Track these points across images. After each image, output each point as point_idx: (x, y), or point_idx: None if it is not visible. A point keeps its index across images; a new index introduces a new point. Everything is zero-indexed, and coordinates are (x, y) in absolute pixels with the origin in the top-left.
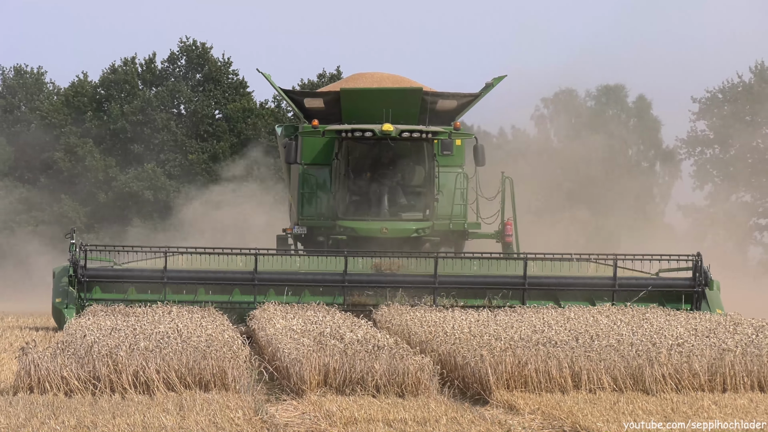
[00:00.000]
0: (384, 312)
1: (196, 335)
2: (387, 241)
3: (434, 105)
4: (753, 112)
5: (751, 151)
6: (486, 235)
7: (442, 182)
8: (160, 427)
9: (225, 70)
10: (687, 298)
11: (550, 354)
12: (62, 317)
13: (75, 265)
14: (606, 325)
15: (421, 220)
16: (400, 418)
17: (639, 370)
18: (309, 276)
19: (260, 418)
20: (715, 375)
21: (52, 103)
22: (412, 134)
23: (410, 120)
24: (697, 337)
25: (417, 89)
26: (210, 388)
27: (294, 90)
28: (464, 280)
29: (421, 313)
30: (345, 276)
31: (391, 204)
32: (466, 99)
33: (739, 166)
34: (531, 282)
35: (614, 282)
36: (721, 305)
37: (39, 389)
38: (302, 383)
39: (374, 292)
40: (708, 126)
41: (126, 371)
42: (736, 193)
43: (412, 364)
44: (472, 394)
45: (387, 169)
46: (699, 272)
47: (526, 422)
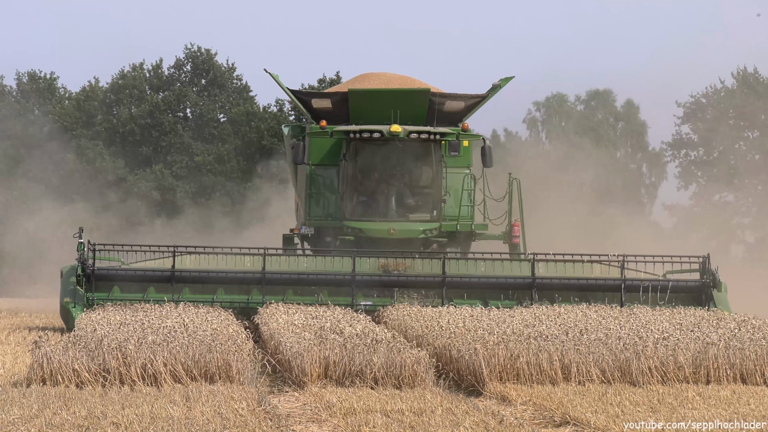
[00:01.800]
0: (383, 308)
1: (202, 329)
2: (394, 242)
3: (442, 106)
4: (735, 116)
5: (733, 153)
6: (493, 236)
7: (450, 183)
8: (168, 418)
9: (229, 75)
10: (695, 299)
11: (541, 347)
12: (70, 317)
13: (83, 264)
14: (594, 320)
15: (429, 221)
16: (398, 409)
17: (626, 363)
18: (320, 277)
19: (263, 408)
20: (699, 367)
21: (63, 107)
22: (420, 135)
23: (418, 121)
24: (682, 332)
25: (425, 90)
26: (215, 380)
27: (302, 90)
28: (471, 282)
29: (417, 308)
30: (354, 276)
31: (398, 205)
32: (474, 100)
33: (722, 167)
34: (540, 283)
35: (622, 283)
36: (728, 306)
37: (51, 381)
38: (303, 375)
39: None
40: (692, 129)
41: (135, 364)
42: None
43: (408, 357)
44: (466, 385)
45: (395, 170)
46: (707, 274)
47: (518, 413)
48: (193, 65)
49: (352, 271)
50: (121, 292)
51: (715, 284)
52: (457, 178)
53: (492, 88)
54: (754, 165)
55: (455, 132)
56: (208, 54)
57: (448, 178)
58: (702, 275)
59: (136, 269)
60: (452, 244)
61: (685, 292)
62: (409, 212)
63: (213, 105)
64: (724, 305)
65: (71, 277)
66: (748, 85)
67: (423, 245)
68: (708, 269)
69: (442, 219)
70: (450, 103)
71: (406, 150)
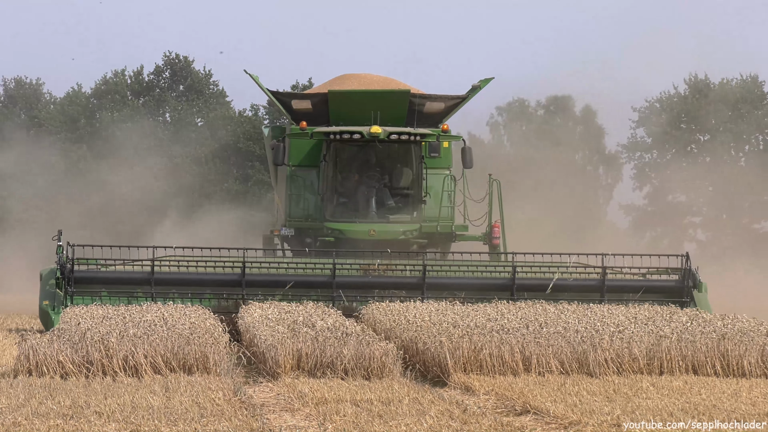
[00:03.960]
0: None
1: (181, 323)
2: (374, 243)
3: (422, 107)
4: (687, 120)
5: (685, 155)
6: (473, 237)
7: (430, 184)
8: (148, 407)
9: (206, 82)
10: (675, 300)
11: (503, 340)
12: (49, 319)
13: (62, 267)
14: (554, 314)
15: (409, 222)
16: (367, 399)
17: (584, 355)
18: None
19: (239, 398)
20: (653, 359)
21: (48, 112)
22: (401, 136)
23: (398, 122)
24: (636, 325)
25: (404, 91)
26: (193, 372)
27: (282, 91)
28: (452, 283)
29: (384, 303)
30: (334, 280)
31: (378, 206)
32: (454, 101)
33: (675, 169)
34: (520, 285)
35: (602, 285)
36: (709, 307)
37: (37, 372)
38: (277, 367)
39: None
40: (647, 133)
41: (116, 356)
42: (672, 194)
43: (377, 349)
44: (432, 376)
45: (375, 171)
46: (687, 274)
47: (481, 402)
48: (171, 72)
49: (332, 273)
50: (99, 295)
51: (696, 284)
52: (437, 179)
53: (472, 89)
54: (704, 167)
55: (435, 133)
56: (186, 61)
57: (429, 179)
58: (682, 275)
59: (116, 271)
60: (432, 245)
61: (665, 292)
62: (389, 213)
63: (191, 109)
64: (704, 305)
65: (50, 280)
66: (699, 90)
67: (403, 246)
68: (688, 269)
69: (422, 220)
70: (430, 104)
71: (387, 151)
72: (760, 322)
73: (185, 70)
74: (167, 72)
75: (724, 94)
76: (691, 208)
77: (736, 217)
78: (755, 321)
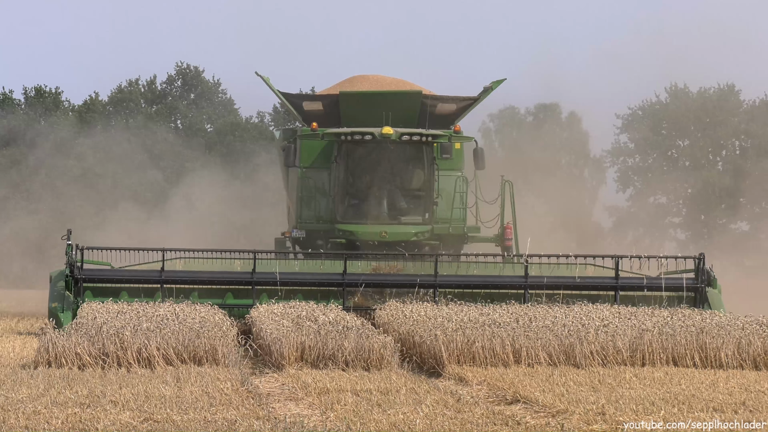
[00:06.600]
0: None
1: (191, 317)
2: (386, 245)
3: (434, 108)
4: (668, 127)
5: (666, 160)
6: (486, 238)
7: (442, 186)
8: (160, 396)
9: (215, 90)
10: (689, 298)
11: (494, 333)
12: (59, 321)
13: (71, 267)
14: (542, 309)
15: (421, 224)
16: (366, 389)
17: (570, 348)
18: (308, 277)
19: (246, 388)
20: (635, 351)
21: (67, 118)
22: (412, 137)
23: (409, 123)
24: (620, 319)
25: (416, 92)
26: (203, 363)
27: (293, 93)
28: (464, 281)
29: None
30: (344, 277)
31: (390, 207)
32: (466, 102)
33: (656, 172)
34: (533, 283)
35: (616, 283)
36: (722, 305)
37: (56, 364)
38: (282, 359)
39: (373, 294)
40: (630, 138)
41: (131, 348)
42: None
43: (376, 342)
44: (427, 368)
45: (386, 173)
46: (701, 272)
47: (474, 392)
48: (183, 81)
49: (343, 272)
50: (109, 295)
51: (710, 283)
52: (449, 180)
53: (484, 90)
54: (684, 170)
55: (447, 134)
56: (196, 71)
57: (440, 180)
58: (697, 274)
59: (125, 273)
60: (444, 246)
61: (679, 291)
62: (400, 215)
63: (201, 116)
64: (718, 304)
65: (59, 282)
66: (679, 98)
67: (415, 248)
68: (703, 268)
69: (434, 222)
70: (442, 106)
71: (398, 152)
72: (736, 317)
73: (195, 79)
74: (179, 81)
75: (702, 102)
76: (671, 209)
77: (714, 218)
78: (732, 315)
